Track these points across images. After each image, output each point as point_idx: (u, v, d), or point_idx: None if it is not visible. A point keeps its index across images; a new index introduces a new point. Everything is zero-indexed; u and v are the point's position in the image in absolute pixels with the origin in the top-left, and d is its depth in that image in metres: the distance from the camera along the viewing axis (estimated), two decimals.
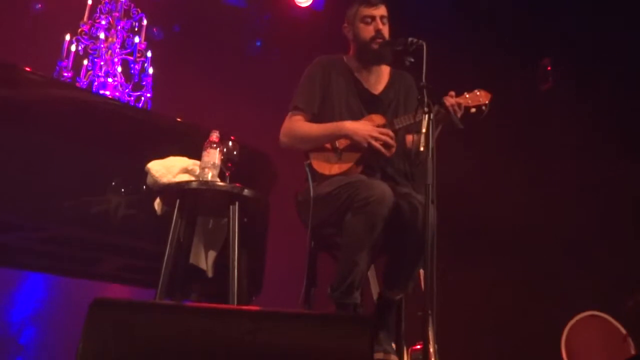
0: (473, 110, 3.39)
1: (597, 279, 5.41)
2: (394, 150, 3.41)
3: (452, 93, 3.37)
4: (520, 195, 6.17)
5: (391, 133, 3.39)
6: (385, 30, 3.57)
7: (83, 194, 3.77)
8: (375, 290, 3.57)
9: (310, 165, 3.45)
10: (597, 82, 6.01)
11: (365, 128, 3.41)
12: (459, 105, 3.34)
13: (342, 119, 3.51)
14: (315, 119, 3.56)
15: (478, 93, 3.42)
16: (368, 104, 3.59)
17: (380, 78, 3.69)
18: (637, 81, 5.77)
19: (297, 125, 3.54)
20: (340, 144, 3.45)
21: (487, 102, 3.41)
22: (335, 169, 3.41)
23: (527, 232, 6.04)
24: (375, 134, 3.37)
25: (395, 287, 3.32)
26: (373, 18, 3.56)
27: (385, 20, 3.59)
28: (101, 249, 4.11)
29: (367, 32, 3.56)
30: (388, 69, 3.73)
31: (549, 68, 6.68)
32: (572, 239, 5.80)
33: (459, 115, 3.32)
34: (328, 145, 3.47)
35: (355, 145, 3.41)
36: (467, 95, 3.40)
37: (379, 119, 3.50)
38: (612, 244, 5.52)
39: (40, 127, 3.64)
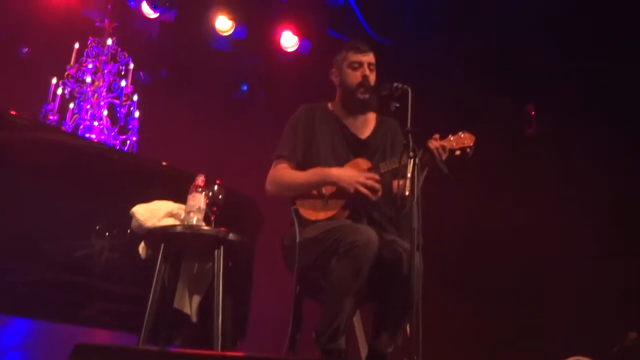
0: (458, 152, 3.39)
1: (584, 323, 5.40)
2: (380, 194, 3.40)
3: (437, 136, 3.38)
4: (506, 239, 6.17)
5: (377, 177, 3.38)
6: (372, 77, 3.58)
7: (67, 237, 3.74)
8: (361, 336, 3.52)
9: (296, 211, 3.43)
10: (581, 125, 6.04)
11: (351, 174, 3.40)
12: (443, 148, 3.34)
13: (327, 163, 3.50)
14: (299, 165, 3.55)
15: (462, 135, 3.42)
16: (354, 148, 3.60)
17: (366, 124, 3.69)
18: (621, 119, 5.81)
19: (282, 173, 3.53)
20: (327, 190, 3.44)
21: (471, 144, 3.40)
22: (321, 214, 3.40)
23: (514, 276, 6.03)
24: (362, 180, 3.36)
25: (383, 337, 3.23)
26: (361, 64, 3.58)
27: (372, 67, 3.61)
28: (83, 292, 4.06)
29: (354, 77, 3.57)
30: (374, 115, 3.73)
31: (533, 113, 6.74)
32: (559, 283, 5.79)
33: (443, 158, 3.32)
34: (314, 192, 3.46)
35: (341, 191, 3.40)
36: (452, 138, 3.41)
37: (364, 163, 3.50)
38: (598, 289, 5.51)
39: (25, 170, 3.63)
